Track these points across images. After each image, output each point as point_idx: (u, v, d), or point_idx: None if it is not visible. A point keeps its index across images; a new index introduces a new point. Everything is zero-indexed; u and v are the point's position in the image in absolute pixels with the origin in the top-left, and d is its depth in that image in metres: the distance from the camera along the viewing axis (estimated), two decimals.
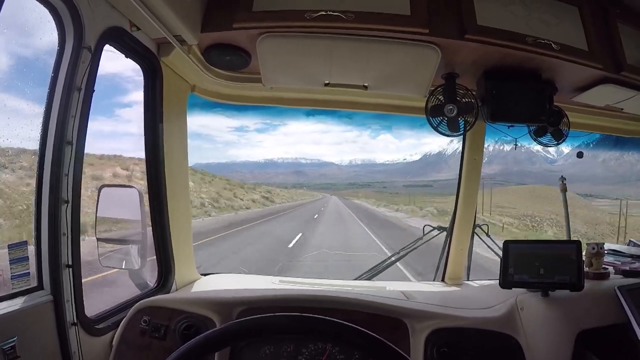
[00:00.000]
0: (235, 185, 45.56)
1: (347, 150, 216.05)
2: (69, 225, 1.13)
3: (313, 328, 0.76)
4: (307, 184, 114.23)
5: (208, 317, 1.30)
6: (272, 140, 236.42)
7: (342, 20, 1.23)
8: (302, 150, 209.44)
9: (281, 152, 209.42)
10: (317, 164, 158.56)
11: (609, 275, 1.57)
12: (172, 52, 1.42)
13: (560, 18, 1.42)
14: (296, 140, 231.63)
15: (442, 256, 2.14)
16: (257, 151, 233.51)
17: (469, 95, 1.48)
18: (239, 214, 29.95)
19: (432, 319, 1.30)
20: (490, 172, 76.53)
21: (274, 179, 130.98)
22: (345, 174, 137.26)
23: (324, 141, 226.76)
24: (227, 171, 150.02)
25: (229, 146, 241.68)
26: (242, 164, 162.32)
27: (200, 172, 42.48)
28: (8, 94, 1.75)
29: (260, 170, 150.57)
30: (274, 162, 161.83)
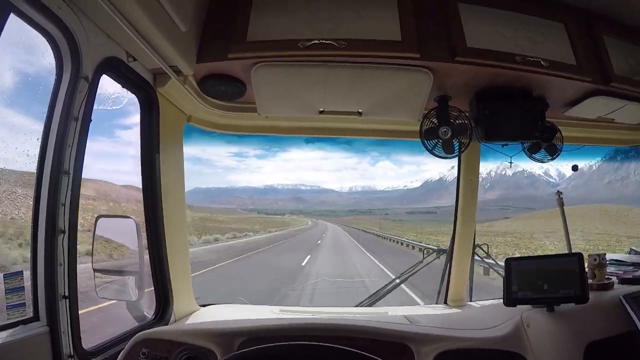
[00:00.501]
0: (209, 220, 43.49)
1: (347, 177, 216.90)
2: (65, 256, 1.11)
3: (317, 355, 0.74)
4: (306, 210, 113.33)
5: (209, 349, 1.28)
6: (271, 166, 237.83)
7: (334, 49, 1.25)
8: (302, 177, 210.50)
9: (281, 178, 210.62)
10: (317, 191, 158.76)
11: (613, 285, 1.57)
12: (168, 82, 1.43)
13: (546, 35, 1.46)
14: (296, 166, 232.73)
15: (444, 278, 2.12)
16: (257, 177, 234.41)
17: (462, 116, 1.50)
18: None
19: (438, 342, 1.28)
20: (493, 197, 75.56)
21: (273, 205, 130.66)
22: (346, 200, 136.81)
23: (323, 168, 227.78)
24: (227, 196, 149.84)
25: (228, 171, 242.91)
26: (241, 190, 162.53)
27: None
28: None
29: (260, 196, 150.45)
30: (273, 188, 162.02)
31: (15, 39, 1.08)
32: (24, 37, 1.11)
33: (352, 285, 9.84)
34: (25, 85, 1.54)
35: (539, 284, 1.33)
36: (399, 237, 27.77)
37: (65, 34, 1.07)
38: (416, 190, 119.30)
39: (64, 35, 1.07)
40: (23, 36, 1.11)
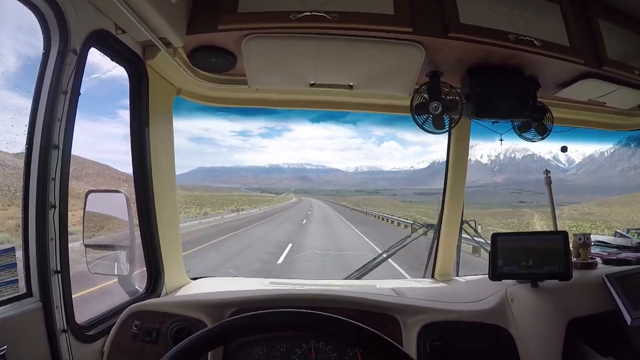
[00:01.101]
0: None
1: (352, 157, 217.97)
2: (56, 230, 1.11)
3: (305, 322, 0.76)
4: (312, 190, 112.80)
5: (199, 320, 1.30)
6: (276, 146, 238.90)
7: (326, 21, 1.24)
8: (307, 156, 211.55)
9: (287, 157, 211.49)
10: (323, 170, 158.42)
11: (597, 265, 1.60)
12: (158, 54, 1.41)
13: (541, 15, 1.45)
14: (300, 145, 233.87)
15: (431, 253, 2.17)
16: (263, 156, 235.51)
17: (453, 92, 1.51)
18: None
19: (424, 314, 1.32)
20: (501, 180, 74.74)
21: (278, 184, 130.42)
22: (352, 180, 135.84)
23: (328, 147, 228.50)
24: (231, 175, 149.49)
25: (233, 150, 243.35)
26: (246, 169, 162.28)
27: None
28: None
29: (265, 175, 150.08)
30: (279, 167, 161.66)
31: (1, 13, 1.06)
32: (10, 10, 1.09)
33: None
34: (15, 59, 1.51)
35: (524, 259, 1.35)
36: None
37: (53, 7, 1.05)
38: (423, 171, 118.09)
39: (51, 8, 1.05)
40: (9, 9, 1.09)
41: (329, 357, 1.26)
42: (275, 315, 0.77)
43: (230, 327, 0.75)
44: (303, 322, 0.76)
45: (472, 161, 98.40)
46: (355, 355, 1.25)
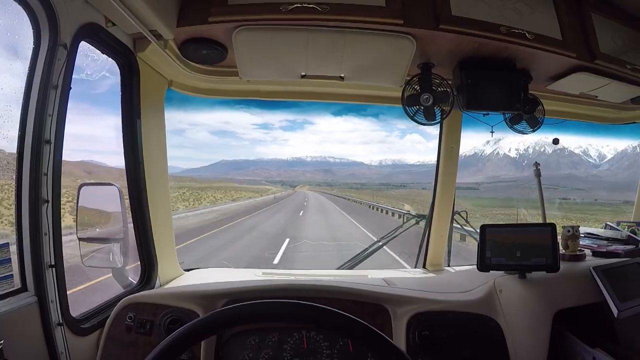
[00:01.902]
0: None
1: (375, 150, 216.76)
2: (50, 225, 1.12)
3: (293, 313, 0.77)
4: (334, 183, 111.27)
5: (192, 311, 1.31)
6: (299, 139, 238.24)
7: (317, 12, 1.24)
8: (329, 150, 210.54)
9: (309, 150, 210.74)
10: (346, 163, 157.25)
11: (585, 257, 1.63)
12: (148, 47, 1.41)
13: (534, 8, 1.45)
14: (322, 139, 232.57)
15: (423, 243, 2.19)
16: (285, 149, 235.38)
17: (444, 84, 1.51)
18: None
19: (413, 304, 1.33)
20: (530, 175, 71.79)
21: (300, 177, 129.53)
22: (376, 174, 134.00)
23: (350, 140, 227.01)
24: (254, 168, 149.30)
25: (255, 144, 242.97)
26: (269, 162, 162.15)
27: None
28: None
29: (287, 168, 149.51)
30: (302, 160, 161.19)
31: None
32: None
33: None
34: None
35: (512, 251, 1.37)
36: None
37: (42, 1, 1.04)
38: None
39: (40, 2, 1.04)
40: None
41: (320, 346, 1.28)
42: (263, 305, 0.78)
43: (221, 317, 0.77)
44: (293, 312, 0.77)
45: (500, 155, 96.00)
46: (346, 344, 1.28)
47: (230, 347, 1.28)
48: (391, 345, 0.74)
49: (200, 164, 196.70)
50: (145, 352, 1.30)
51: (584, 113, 2.11)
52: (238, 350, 1.28)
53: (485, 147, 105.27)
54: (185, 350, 0.75)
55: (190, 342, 0.75)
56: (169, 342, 0.72)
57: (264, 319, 0.79)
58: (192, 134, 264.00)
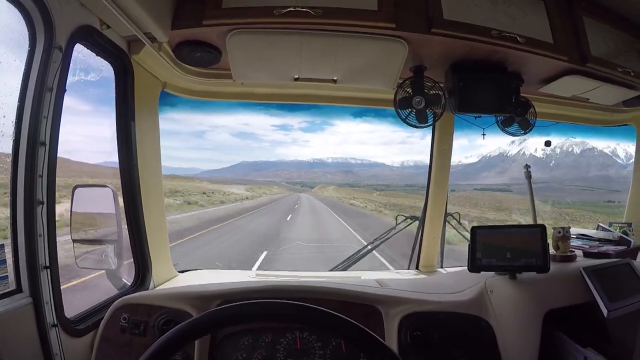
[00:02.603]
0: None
1: (396, 150, 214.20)
2: (45, 226, 1.12)
3: (287, 313, 0.78)
4: (356, 184, 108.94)
5: (186, 312, 1.32)
6: (319, 140, 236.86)
7: (310, 16, 1.25)
8: (350, 151, 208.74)
9: (330, 151, 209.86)
10: (367, 164, 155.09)
11: (576, 258, 1.64)
12: (143, 49, 1.42)
13: (526, 11, 1.47)
14: (342, 140, 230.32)
15: (416, 245, 2.20)
16: (306, 150, 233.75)
17: (436, 87, 1.52)
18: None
19: (405, 304, 1.34)
20: (560, 175, 63.95)
21: (321, 178, 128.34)
22: (398, 174, 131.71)
23: (370, 141, 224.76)
24: (274, 169, 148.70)
25: (276, 145, 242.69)
26: (289, 163, 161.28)
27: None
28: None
29: (308, 169, 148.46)
30: (322, 161, 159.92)
31: None
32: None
33: None
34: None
35: (503, 252, 1.38)
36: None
37: (37, 3, 1.04)
38: (474, 165, 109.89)
39: (36, 5, 1.04)
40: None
41: (313, 346, 1.29)
42: (256, 305, 0.79)
43: (215, 317, 0.78)
44: (287, 312, 0.78)
45: (527, 155, 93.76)
46: (339, 345, 1.29)
47: (224, 348, 1.29)
48: (383, 346, 0.75)
49: (221, 165, 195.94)
50: (139, 353, 1.30)
51: (575, 115, 2.13)
52: (231, 350, 1.28)
53: (511, 148, 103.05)
54: (180, 350, 0.76)
55: (185, 341, 0.75)
56: (163, 341, 0.73)
57: (258, 319, 0.80)
58: (212, 136, 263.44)
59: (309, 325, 0.82)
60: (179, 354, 1.25)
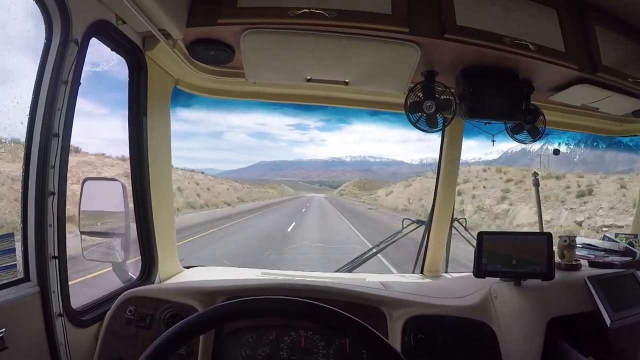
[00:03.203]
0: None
1: (413, 148, 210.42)
2: (55, 217, 1.13)
3: (295, 310, 0.79)
4: (377, 182, 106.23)
5: (192, 306, 1.33)
6: (336, 139, 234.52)
7: (324, 18, 1.26)
8: (367, 149, 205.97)
9: (348, 150, 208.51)
10: (387, 162, 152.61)
11: (581, 267, 1.63)
12: (157, 46, 1.43)
13: (538, 19, 1.47)
14: (359, 138, 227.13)
15: (421, 249, 2.20)
16: (324, 149, 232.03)
17: (447, 92, 1.53)
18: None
19: (409, 307, 1.35)
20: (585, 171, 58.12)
21: (341, 177, 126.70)
22: (417, 172, 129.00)
23: (388, 139, 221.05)
24: (292, 169, 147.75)
25: (293, 144, 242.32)
26: (307, 162, 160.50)
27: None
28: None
29: (327, 168, 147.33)
30: (341, 160, 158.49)
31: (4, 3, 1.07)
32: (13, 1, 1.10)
33: None
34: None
35: (508, 258, 1.38)
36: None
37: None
38: (495, 161, 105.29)
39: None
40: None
41: (317, 346, 1.29)
42: (262, 301, 0.80)
43: (221, 312, 0.78)
44: (291, 309, 0.79)
45: (550, 150, 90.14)
46: (342, 344, 1.29)
47: (228, 344, 1.29)
48: (389, 347, 0.76)
49: (239, 165, 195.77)
50: (144, 346, 1.30)
51: (585, 124, 2.12)
52: (235, 346, 1.29)
53: (534, 144, 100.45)
54: (185, 344, 0.76)
55: (190, 335, 0.76)
56: (169, 334, 0.73)
57: (264, 315, 0.81)
58: (230, 136, 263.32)
59: (317, 323, 0.82)
60: (183, 349, 1.26)
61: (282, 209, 30.55)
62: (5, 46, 1.60)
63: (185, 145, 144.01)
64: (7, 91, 1.45)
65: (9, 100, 1.31)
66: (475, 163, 54.72)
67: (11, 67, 1.80)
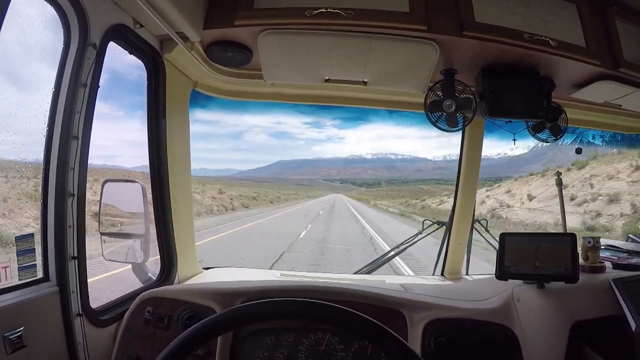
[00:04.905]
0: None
1: (434, 144, 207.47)
2: (74, 218, 1.15)
3: (315, 313, 0.78)
4: (402, 180, 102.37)
5: (210, 307, 1.33)
6: (355, 136, 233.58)
7: (341, 18, 1.25)
8: (388, 146, 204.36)
9: (368, 147, 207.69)
10: (409, 159, 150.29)
11: (605, 269, 1.59)
12: (175, 49, 1.44)
13: (557, 15, 1.44)
14: (378, 135, 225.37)
15: (442, 251, 2.17)
16: (344, 147, 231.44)
17: (467, 91, 1.50)
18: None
19: (430, 310, 1.32)
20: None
21: (363, 174, 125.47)
22: (444, 168, 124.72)
23: (409, 135, 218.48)
24: (312, 167, 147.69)
25: (312, 143, 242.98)
26: (327, 160, 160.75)
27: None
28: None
29: (347, 166, 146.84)
30: (362, 157, 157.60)
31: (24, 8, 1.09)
32: (32, 6, 1.12)
33: None
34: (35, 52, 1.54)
35: (531, 260, 1.35)
36: None
37: (73, 2, 1.08)
38: (524, 155, 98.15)
39: (71, 3, 1.08)
40: (31, 5, 1.12)
41: (336, 348, 1.28)
42: (282, 303, 0.79)
43: (239, 314, 0.78)
44: (311, 311, 0.78)
45: (585, 142, 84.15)
46: (362, 347, 1.27)
47: (246, 345, 1.29)
48: (412, 353, 0.74)
49: (258, 165, 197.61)
50: (162, 346, 1.31)
51: (607, 122, 2.07)
52: (253, 348, 1.29)
53: (566, 135, 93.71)
54: (203, 345, 0.76)
55: (208, 337, 0.76)
56: (186, 336, 0.73)
57: (283, 317, 0.80)
58: (250, 137, 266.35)
59: (337, 326, 0.81)
60: (200, 349, 1.26)
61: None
62: (25, 50, 1.63)
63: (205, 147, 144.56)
64: (27, 97, 1.48)
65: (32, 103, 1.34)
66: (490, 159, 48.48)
67: (32, 71, 1.84)
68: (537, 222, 19.10)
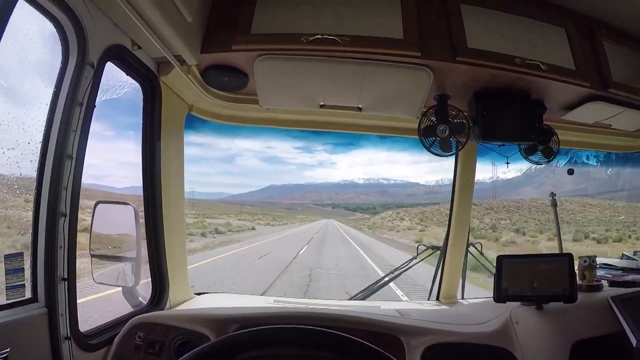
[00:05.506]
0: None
1: (426, 169, 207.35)
2: (65, 239, 1.13)
3: (312, 340, 0.76)
4: (395, 204, 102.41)
5: (203, 334, 1.30)
6: (346, 162, 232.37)
7: (337, 44, 1.27)
8: (380, 171, 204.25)
9: (359, 172, 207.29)
10: (402, 184, 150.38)
11: (602, 287, 1.60)
12: (172, 71, 1.45)
13: (547, 39, 1.47)
14: (369, 160, 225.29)
15: (437, 275, 2.15)
16: (335, 172, 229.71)
17: (460, 115, 1.52)
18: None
19: (428, 335, 1.31)
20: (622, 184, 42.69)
21: (355, 199, 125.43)
22: (437, 192, 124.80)
23: (399, 161, 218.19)
24: (303, 192, 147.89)
25: (303, 168, 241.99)
26: (319, 185, 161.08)
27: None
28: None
29: (339, 190, 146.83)
30: (353, 182, 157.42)
31: (22, 25, 1.09)
32: (31, 22, 1.13)
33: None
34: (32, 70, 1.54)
35: (529, 282, 1.35)
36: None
37: (72, 20, 1.08)
38: (517, 178, 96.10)
39: (70, 21, 1.08)
40: (31, 22, 1.13)
41: None
42: (280, 330, 0.77)
43: (234, 342, 0.76)
44: (308, 338, 0.76)
45: (579, 163, 79.26)
46: None
47: None
48: None
49: (249, 189, 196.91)
50: None
51: (598, 142, 2.11)
52: None
53: (559, 157, 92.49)
54: None
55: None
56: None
57: (281, 344, 0.78)
58: (242, 161, 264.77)
59: (335, 354, 0.79)
60: None
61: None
62: (23, 66, 1.63)
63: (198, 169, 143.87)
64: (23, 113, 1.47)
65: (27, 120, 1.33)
66: (483, 183, 47.35)
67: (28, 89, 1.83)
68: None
